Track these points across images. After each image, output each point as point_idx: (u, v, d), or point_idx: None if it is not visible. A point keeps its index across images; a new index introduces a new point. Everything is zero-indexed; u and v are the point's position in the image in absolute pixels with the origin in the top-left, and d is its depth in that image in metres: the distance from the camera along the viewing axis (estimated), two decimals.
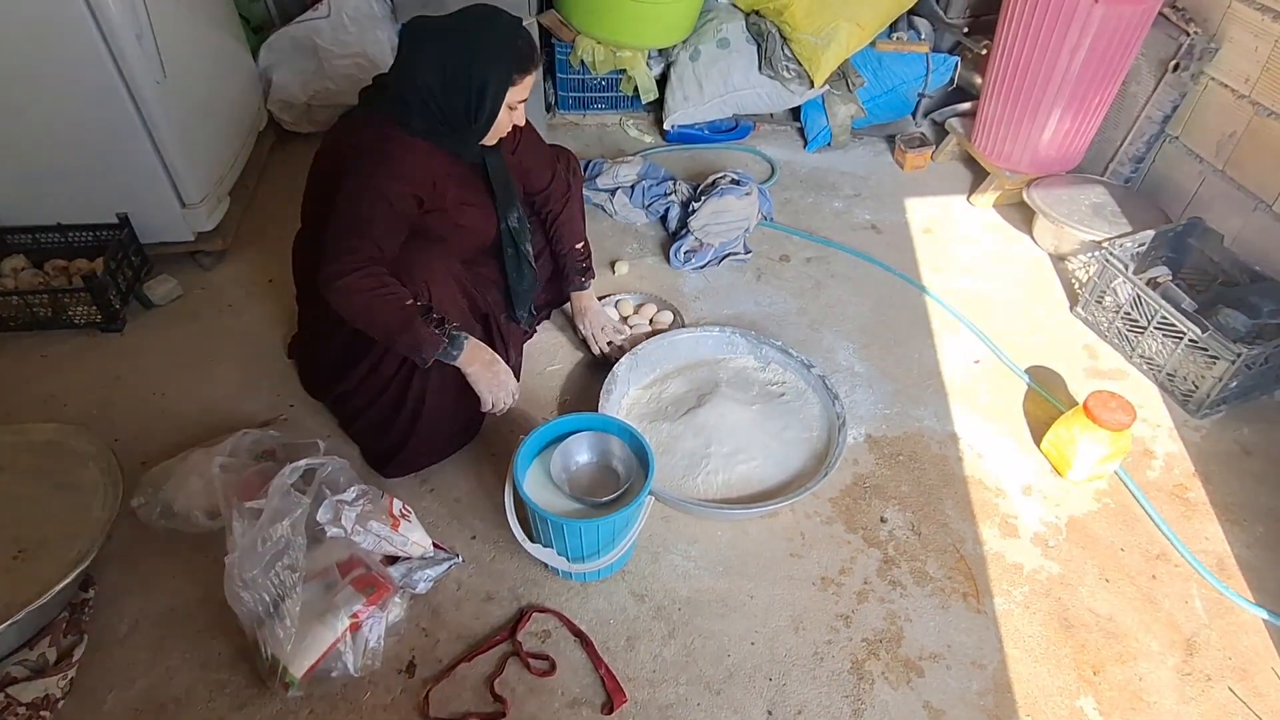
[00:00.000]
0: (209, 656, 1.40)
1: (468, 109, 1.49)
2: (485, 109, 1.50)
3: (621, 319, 2.05)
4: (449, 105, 1.49)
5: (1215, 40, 2.15)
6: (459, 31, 1.47)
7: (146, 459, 1.66)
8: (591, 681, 1.38)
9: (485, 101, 1.49)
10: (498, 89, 1.49)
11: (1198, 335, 1.82)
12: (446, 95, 1.48)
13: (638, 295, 2.14)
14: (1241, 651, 1.48)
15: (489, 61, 1.46)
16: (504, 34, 1.49)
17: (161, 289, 2.09)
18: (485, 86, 1.47)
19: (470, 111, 1.50)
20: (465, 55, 1.45)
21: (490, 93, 1.48)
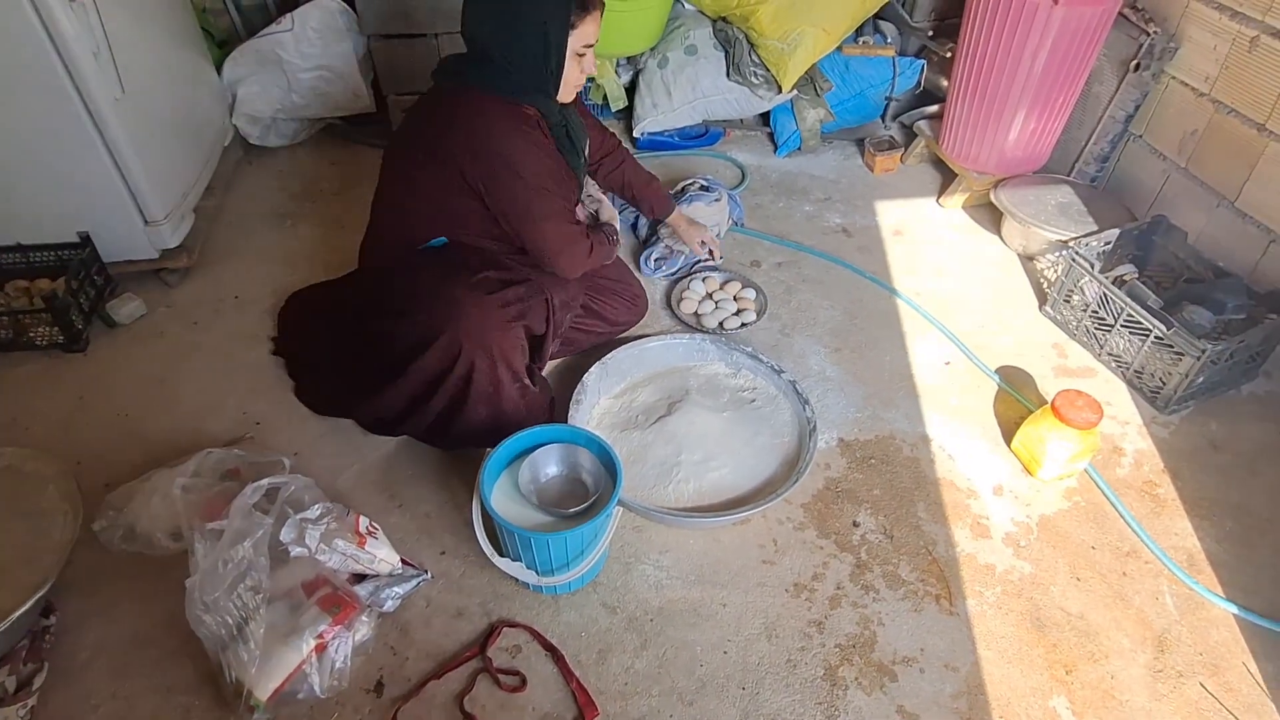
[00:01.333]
0: (173, 681, 1.37)
1: (536, 56, 1.52)
2: (552, 54, 1.53)
3: (706, 295, 2.18)
4: (520, 55, 1.52)
5: (1175, 40, 2.17)
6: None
7: (110, 481, 1.64)
8: (563, 696, 1.37)
9: (550, 46, 1.52)
10: (559, 30, 1.51)
11: (1163, 332, 1.83)
12: (515, 46, 1.51)
13: (722, 273, 2.25)
14: (1212, 647, 1.49)
15: (547, 9, 1.49)
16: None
17: (125, 308, 2.06)
18: (547, 30, 1.50)
19: (540, 58, 1.53)
20: (523, 8, 1.49)
21: (554, 37, 1.51)
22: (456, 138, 1.56)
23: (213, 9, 2.86)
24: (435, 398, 1.64)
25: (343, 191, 2.61)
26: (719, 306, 2.13)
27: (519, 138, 1.57)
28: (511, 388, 1.64)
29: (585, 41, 1.57)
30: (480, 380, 1.60)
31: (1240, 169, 2.03)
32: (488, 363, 1.58)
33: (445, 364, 1.59)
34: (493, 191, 1.58)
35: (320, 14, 2.55)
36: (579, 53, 1.57)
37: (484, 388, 1.61)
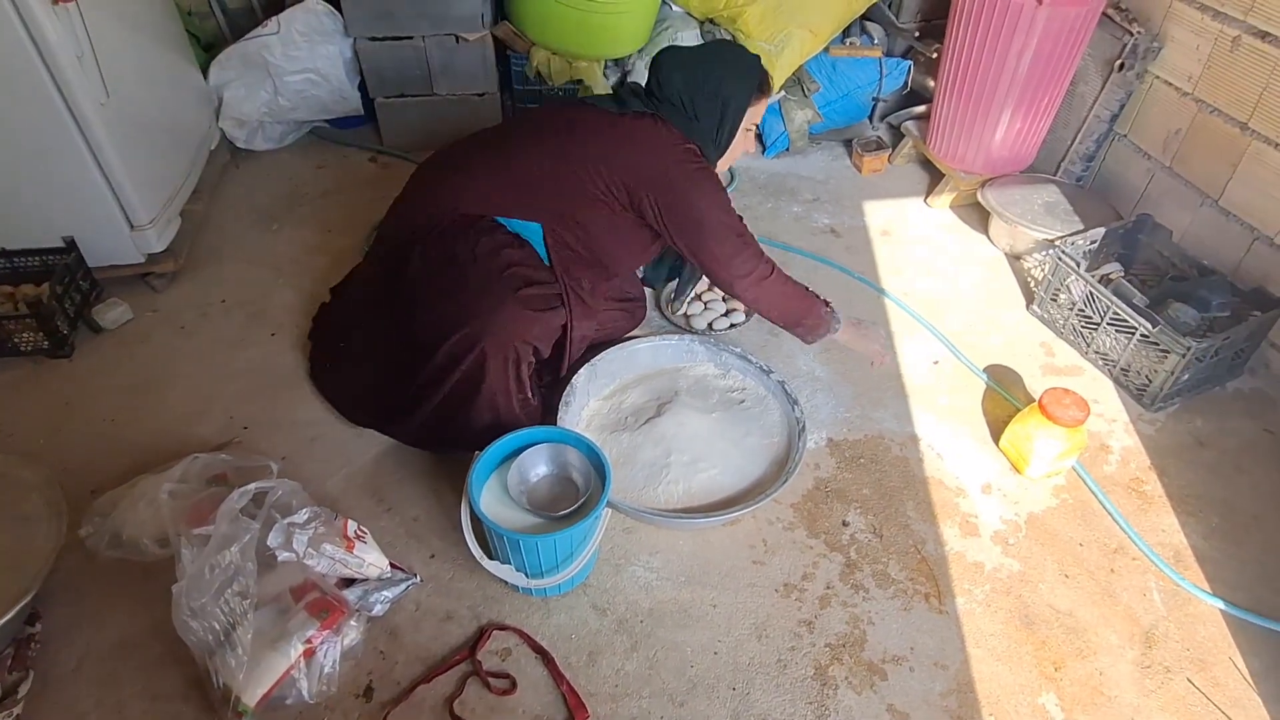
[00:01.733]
0: (160, 688, 1.36)
1: (714, 121, 1.69)
2: (728, 123, 1.71)
3: (695, 296, 2.17)
4: (699, 113, 1.68)
5: (1158, 39, 2.19)
6: (708, 55, 1.72)
7: (96, 487, 1.62)
8: (553, 699, 1.37)
9: (728, 116, 1.70)
10: (739, 106, 1.70)
11: (1149, 330, 1.84)
12: (698, 106, 1.67)
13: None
14: (1199, 642, 1.50)
15: (735, 80, 1.69)
16: (749, 60, 1.72)
17: (111, 313, 2.05)
18: (729, 102, 1.68)
19: (716, 124, 1.70)
20: (716, 73, 1.67)
21: (733, 108, 1.69)
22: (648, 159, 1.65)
23: (198, 12, 2.85)
24: (444, 384, 1.62)
25: (330, 195, 2.60)
26: (708, 307, 2.13)
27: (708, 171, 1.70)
28: (515, 397, 1.65)
29: (754, 120, 1.78)
30: (492, 381, 1.60)
31: (1223, 168, 2.05)
32: (501, 365, 1.59)
33: (462, 350, 1.58)
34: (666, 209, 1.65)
35: (306, 17, 2.54)
36: (747, 128, 1.77)
37: (492, 391, 1.61)
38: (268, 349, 2.03)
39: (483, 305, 1.57)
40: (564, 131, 1.70)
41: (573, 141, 1.68)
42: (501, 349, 1.57)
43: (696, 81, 1.66)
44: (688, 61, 1.69)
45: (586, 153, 1.65)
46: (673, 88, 1.67)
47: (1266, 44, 1.89)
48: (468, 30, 2.61)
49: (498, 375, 1.60)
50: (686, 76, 1.67)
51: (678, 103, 1.67)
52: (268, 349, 2.03)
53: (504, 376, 1.61)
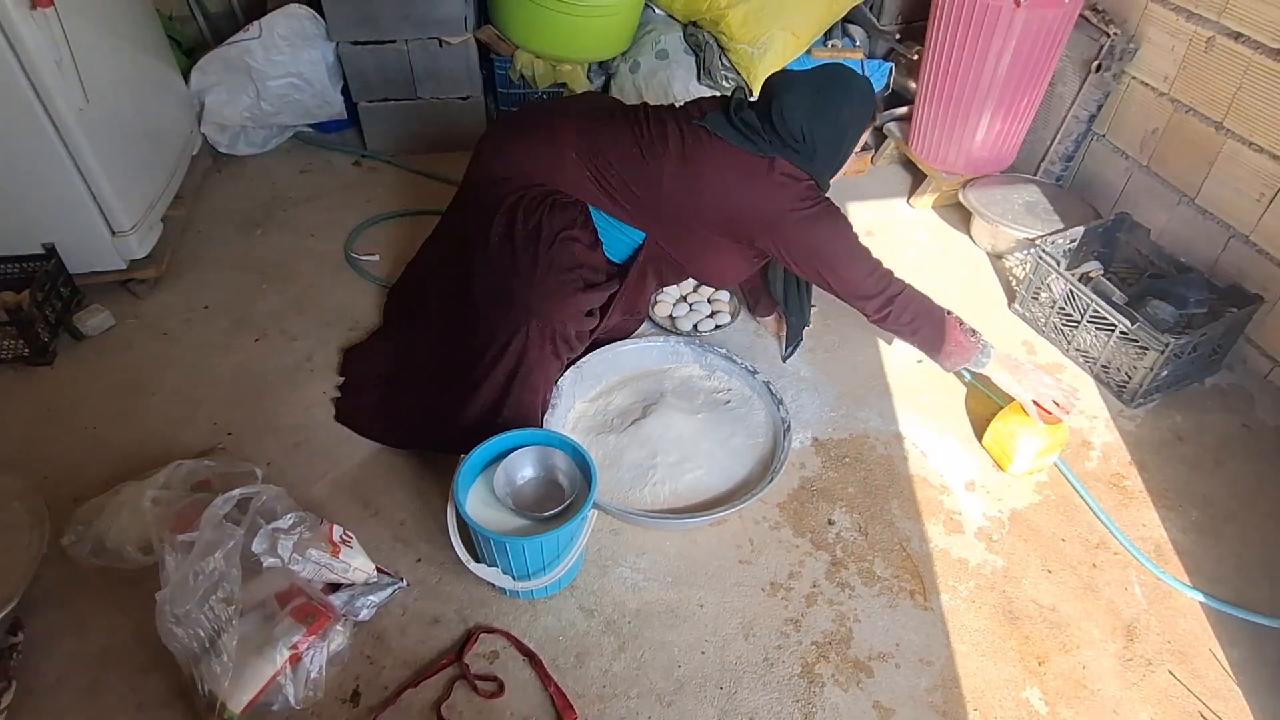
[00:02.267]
0: (145, 696, 1.35)
1: (833, 148, 1.69)
2: (845, 151, 1.72)
3: (681, 298, 2.18)
4: (819, 144, 1.66)
5: (1134, 41, 2.22)
6: (826, 80, 1.68)
7: (79, 495, 1.61)
8: (541, 700, 1.37)
9: (847, 141, 1.71)
10: (857, 131, 1.71)
11: (1128, 327, 1.87)
12: (818, 135, 1.65)
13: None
14: (1180, 635, 1.52)
15: (857, 108, 1.68)
16: (865, 85, 1.72)
17: (93, 320, 2.03)
18: (848, 131, 1.69)
19: (835, 151, 1.70)
20: (836, 101, 1.66)
21: (851, 133, 1.70)
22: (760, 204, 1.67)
23: (179, 17, 2.85)
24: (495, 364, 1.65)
25: (314, 199, 2.59)
26: (693, 309, 2.14)
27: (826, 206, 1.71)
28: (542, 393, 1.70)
29: (864, 143, 1.80)
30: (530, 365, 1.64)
31: (1200, 166, 2.08)
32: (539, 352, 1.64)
33: (509, 333, 1.63)
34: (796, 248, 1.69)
35: (288, 21, 2.54)
36: (856, 151, 1.78)
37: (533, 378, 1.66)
38: (252, 354, 2.02)
39: (548, 287, 1.64)
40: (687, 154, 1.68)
41: (693, 168, 1.67)
42: (553, 334, 1.64)
43: (818, 114, 1.64)
44: (808, 93, 1.65)
45: (711, 186, 1.67)
46: (795, 122, 1.63)
47: (1239, 44, 1.92)
48: (451, 34, 2.61)
49: (548, 359, 1.66)
50: (808, 109, 1.64)
51: (798, 135, 1.65)
52: (252, 354, 2.02)
53: (550, 364, 1.68)
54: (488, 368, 1.64)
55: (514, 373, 1.64)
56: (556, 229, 1.67)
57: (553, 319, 1.64)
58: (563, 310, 1.65)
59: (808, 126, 1.64)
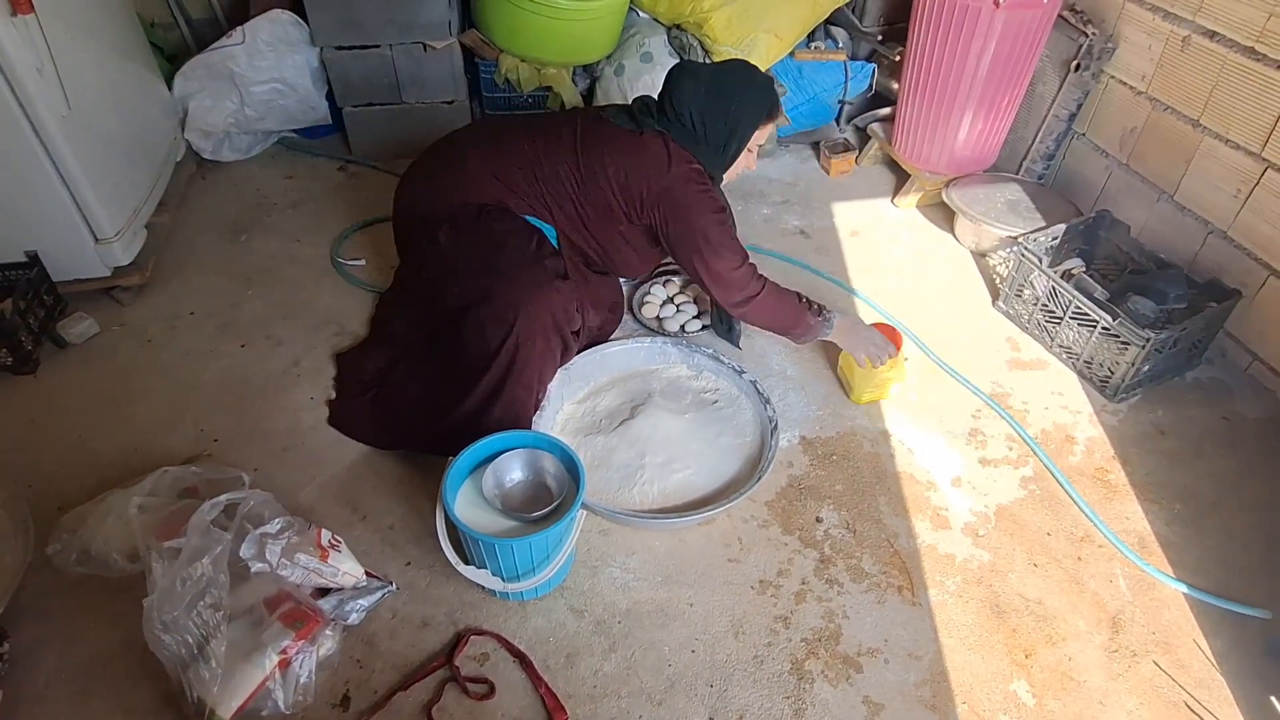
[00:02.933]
0: (133, 704, 1.35)
1: (722, 141, 1.76)
2: (735, 144, 1.78)
3: (668, 299, 2.21)
4: (709, 133, 1.74)
5: (1112, 40, 2.25)
6: (724, 75, 1.77)
7: (63, 504, 1.59)
8: (531, 701, 1.37)
9: (736, 137, 1.77)
10: (748, 126, 1.77)
11: (1109, 323, 1.89)
12: (708, 127, 1.73)
13: (683, 276, 2.27)
14: (1164, 626, 1.53)
15: (747, 103, 1.75)
16: (762, 82, 1.79)
17: (76, 327, 2.02)
18: (739, 124, 1.75)
19: (723, 142, 1.76)
20: (728, 95, 1.73)
21: (741, 130, 1.76)
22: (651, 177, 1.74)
23: (162, 23, 2.84)
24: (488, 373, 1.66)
25: (299, 205, 2.59)
26: (680, 310, 2.15)
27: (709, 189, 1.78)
28: (530, 397, 1.70)
29: (760, 141, 1.84)
30: (526, 375, 1.66)
31: (1178, 164, 2.11)
32: (545, 344, 1.67)
33: (501, 330, 1.63)
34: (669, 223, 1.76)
35: (272, 26, 2.53)
36: (751, 149, 1.84)
37: (511, 395, 1.66)
38: (238, 360, 2.01)
39: (525, 281, 1.65)
40: (584, 144, 1.77)
41: (592, 155, 1.76)
42: (543, 326, 1.66)
43: (709, 102, 1.72)
44: (702, 81, 1.74)
45: (606, 169, 1.75)
46: (685, 107, 1.73)
47: (1215, 43, 1.95)
48: (435, 38, 2.61)
49: (540, 354, 1.67)
50: (700, 96, 1.72)
51: (688, 122, 1.73)
52: (238, 360, 2.01)
53: (543, 358, 1.68)
54: (482, 368, 1.65)
55: (508, 370, 1.65)
56: (505, 230, 1.73)
57: (542, 309, 1.65)
58: (549, 299, 1.66)
59: (698, 114, 1.73)
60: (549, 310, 1.67)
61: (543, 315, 1.66)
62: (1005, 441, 1.87)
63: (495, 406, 1.66)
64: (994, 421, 1.92)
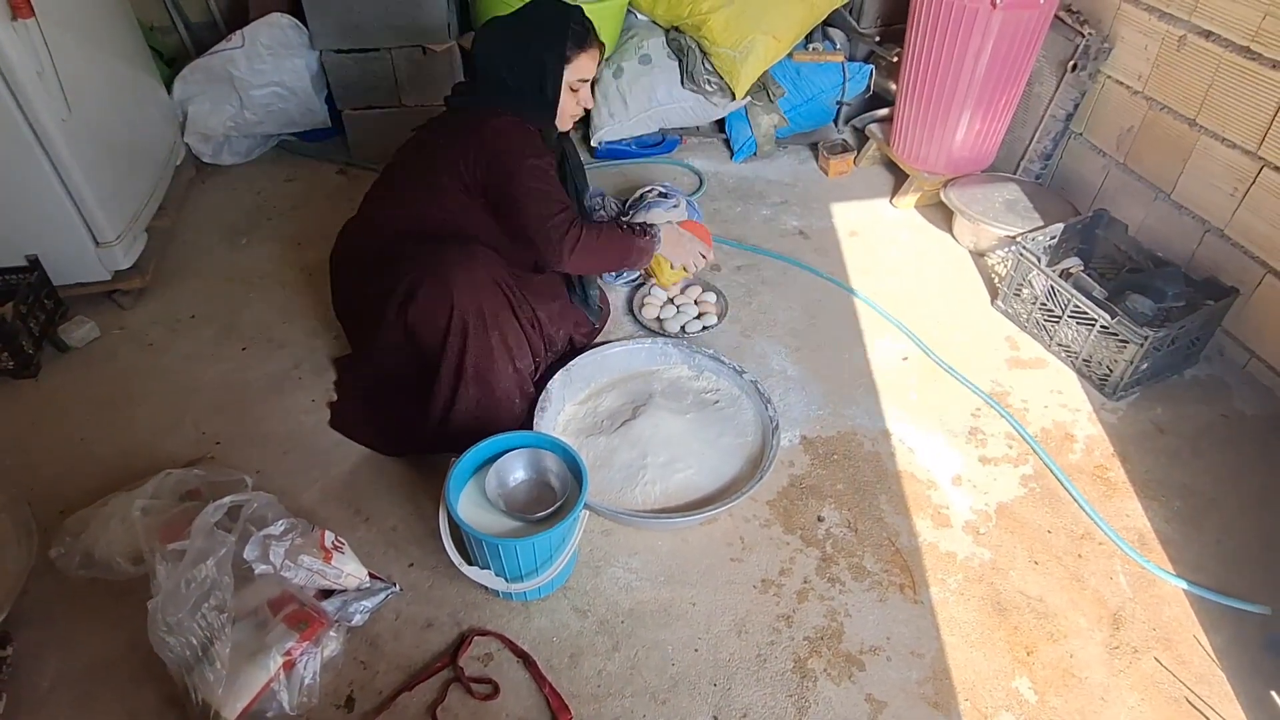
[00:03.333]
0: (137, 707, 1.35)
1: (535, 86, 1.69)
2: (549, 84, 1.69)
3: (668, 300, 2.20)
4: (522, 85, 1.68)
5: (1108, 40, 2.26)
6: (519, 19, 1.70)
7: (65, 507, 1.60)
8: (536, 701, 1.37)
9: (547, 77, 1.68)
10: (555, 64, 1.68)
11: (1108, 321, 1.90)
12: (517, 76, 1.67)
13: (682, 279, 2.25)
14: (1165, 622, 1.54)
15: (545, 38, 1.67)
16: (556, 17, 1.69)
17: (78, 331, 2.02)
18: (544, 63, 1.67)
19: (537, 85, 1.69)
20: (525, 36, 1.67)
21: (550, 69, 1.68)
22: (470, 144, 1.69)
23: (161, 27, 2.84)
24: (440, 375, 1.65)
25: (299, 208, 2.59)
26: (680, 311, 2.16)
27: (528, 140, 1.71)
28: (508, 373, 1.68)
29: (580, 76, 1.73)
30: (474, 347, 1.62)
31: (1174, 163, 2.12)
32: (481, 324, 1.62)
33: (439, 319, 1.60)
34: (491, 183, 1.69)
35: (271, 30, 2.54)
36: (573, 86, 1.74)
37: (481, 360, 1.64)
38: (239, 363, 2.01)
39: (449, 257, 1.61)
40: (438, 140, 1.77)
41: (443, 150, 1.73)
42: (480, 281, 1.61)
43: (508, 51, 1.68)
44: (500, 32, 1.70)
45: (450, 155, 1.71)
46: (489, 62, 1.69)
47: (1210, 42, 1.96)
48: (434, 41, 2.62)
49: (479, 341, 1.62)
50: (499, 48, 1.69)
51: (495, 76, 1.69)
52: (239, 363, 2.01)
53: (486, 340, 1.63)
54: (440, 349, 1.64)
55: (464, 341, 1.62)
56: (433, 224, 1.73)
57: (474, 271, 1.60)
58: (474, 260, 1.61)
59: (505, 65, 1.68)
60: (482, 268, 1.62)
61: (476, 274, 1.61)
62: (1005, 440, 1.88)
63: (464, 384, 1.65)
64: (994, 420, 1.93)
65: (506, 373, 1.69)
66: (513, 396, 1.72)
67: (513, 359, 1.70)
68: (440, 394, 1.67)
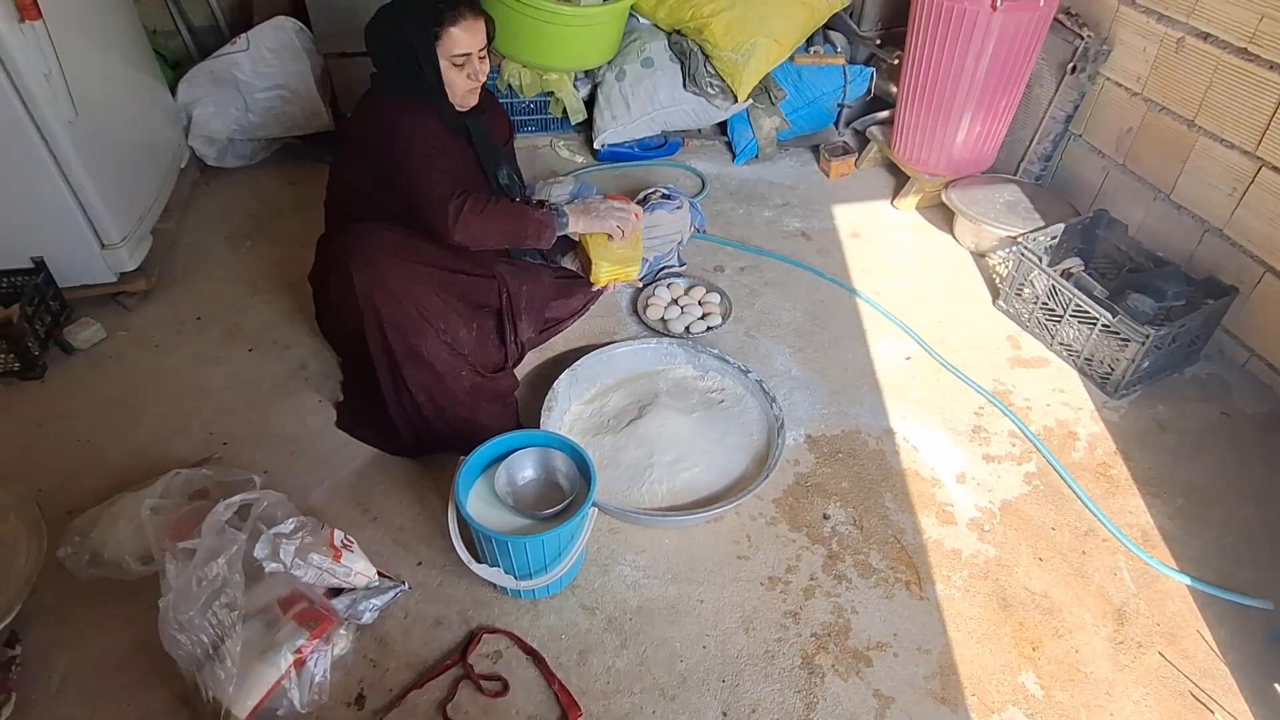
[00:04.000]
0: (147, 706, 1.35)
1: (414, 67, 1.66)
2: (426, 64, 1.66)
3: (672, 300, 2.21)
4: (403, 68, 1.67)
5: (1107, 43, 2.28)
6: (392, 3, 1.69)
7: (73, 508, 1.60)
8: (545, 698, 1.38)
9: (420, 57, 1.65)
10: (426, 41, 1.64)
11: (1109, 320, 1.91)
12: (396, 59, 1.66)
13: (686, 279, 2.29)
14: (1168, 617, 1.55)
15: (411, 23, 1.64)
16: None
17: (83, 333, 2.03)
18: (412, 43, 1.64)
19: (414, 65, 1.66)
20: (394, 19, 1.66)
21: (420, 48, 1.64)
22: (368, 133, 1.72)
23: (164, 31, 2.85)
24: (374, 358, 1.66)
25: (303, 211, 2.60)
26: (685, 312, 2.17)
27: (407, 116, 1.70)
28: (440, 345, 1.67)
29: (457, 50, 1.68)
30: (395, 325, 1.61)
31: (1173, 163, 2.14)
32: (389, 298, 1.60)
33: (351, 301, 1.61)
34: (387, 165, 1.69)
35: (275, 34, 2.55)
36: (455, 62, 1.70)
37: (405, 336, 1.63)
38: (245, 364, 2.02)
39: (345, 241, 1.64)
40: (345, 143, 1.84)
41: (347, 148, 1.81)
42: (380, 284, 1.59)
43: (384, 36, 1.69)
44: (377, 20, 1.72)
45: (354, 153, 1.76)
46: (374, 50, 1.72)
47: (1208, 44, 1.98)
48: None
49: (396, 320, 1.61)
50: (377, 35, 1.70)
51: (382, 63, 1.72)
52: (245, 364, 2.02)
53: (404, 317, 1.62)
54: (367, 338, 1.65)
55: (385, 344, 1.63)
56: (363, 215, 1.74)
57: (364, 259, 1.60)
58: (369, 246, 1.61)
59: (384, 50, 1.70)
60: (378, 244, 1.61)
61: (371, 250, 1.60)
62: (1008, 438, 1.89)
63: (400, 364, 1.65)
64: (997, 419, 1.94)
65: (438, 344, 1.67)
66: (457, 370, 1.70)
67: (438, 331, 1.67)
68: (384, 380, 1.68)
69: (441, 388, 1.68)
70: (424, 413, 1.70)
